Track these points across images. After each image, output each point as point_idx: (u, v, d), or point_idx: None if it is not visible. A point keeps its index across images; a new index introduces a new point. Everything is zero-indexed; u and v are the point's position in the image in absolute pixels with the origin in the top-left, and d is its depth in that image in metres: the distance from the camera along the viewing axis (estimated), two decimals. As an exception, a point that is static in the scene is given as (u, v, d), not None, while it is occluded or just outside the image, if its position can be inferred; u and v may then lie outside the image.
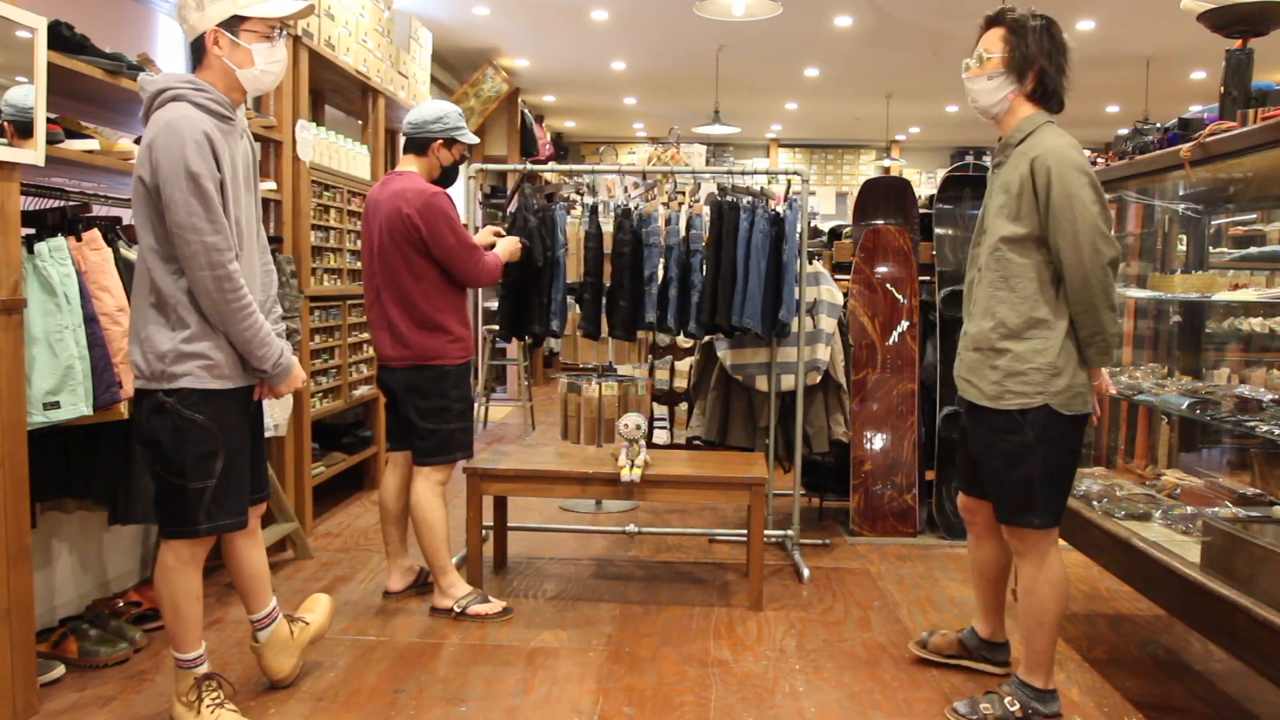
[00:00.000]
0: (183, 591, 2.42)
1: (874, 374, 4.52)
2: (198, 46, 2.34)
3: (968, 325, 2.58)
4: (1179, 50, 7.70)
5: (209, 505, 2.38)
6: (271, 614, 2.69)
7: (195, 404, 2.33)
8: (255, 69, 2.37)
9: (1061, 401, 2.41)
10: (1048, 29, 2.48)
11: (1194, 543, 2.66)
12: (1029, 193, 2.38)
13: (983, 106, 2.54)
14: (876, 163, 12.52)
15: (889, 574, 3.91)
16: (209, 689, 2.46)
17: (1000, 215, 2.45)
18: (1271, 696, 2.79)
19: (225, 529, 2.45)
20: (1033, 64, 2.46)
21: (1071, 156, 2.36)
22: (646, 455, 3.45)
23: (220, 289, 2.28)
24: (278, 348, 2.43)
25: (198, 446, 2.34)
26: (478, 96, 8.40)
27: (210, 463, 2.36)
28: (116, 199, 3.21)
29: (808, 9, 6.76)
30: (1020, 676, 2.59)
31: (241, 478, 2.47)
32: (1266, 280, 3.37)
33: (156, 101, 2.29)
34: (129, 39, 3.88)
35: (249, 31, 2.35)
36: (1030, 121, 2.47)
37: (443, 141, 3.34)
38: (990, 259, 2.48)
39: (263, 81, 2.42)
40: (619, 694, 2.76)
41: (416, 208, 3.19)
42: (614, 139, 13.08)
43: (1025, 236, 2.41)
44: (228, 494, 2.41)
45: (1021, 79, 2.47)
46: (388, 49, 5.42)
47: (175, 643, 2.45)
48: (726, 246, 3.76)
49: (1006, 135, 2.50)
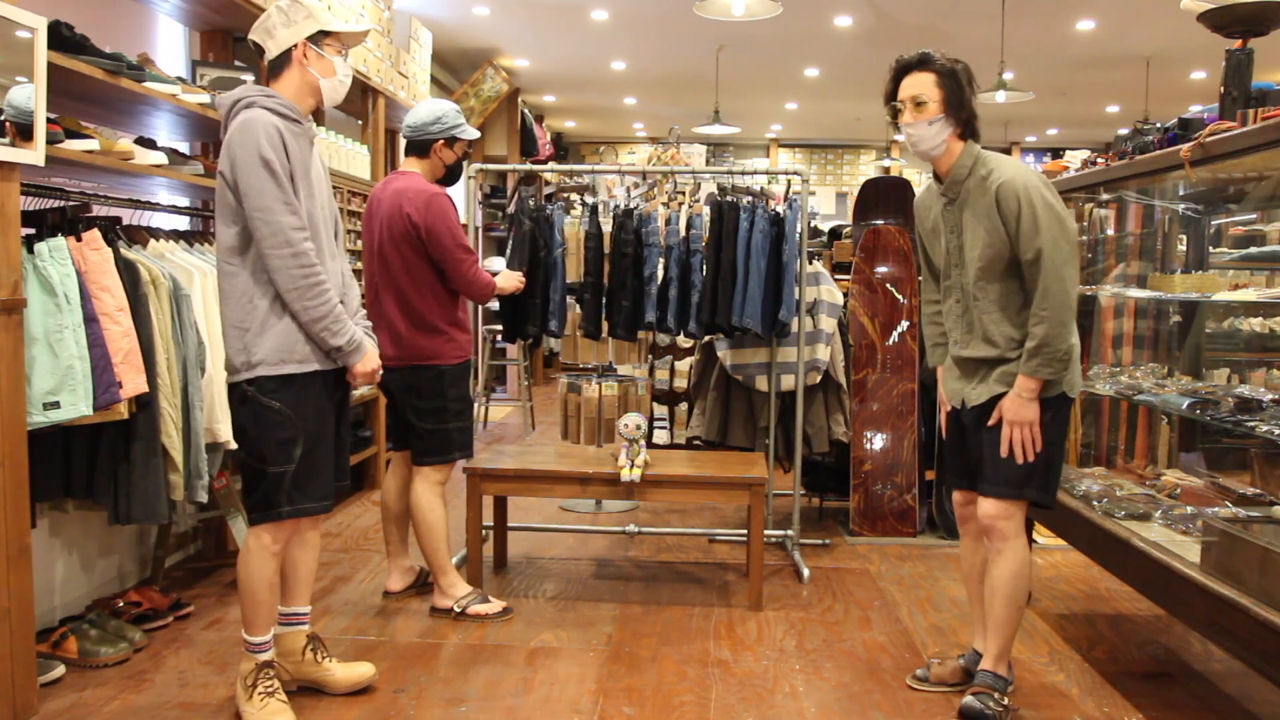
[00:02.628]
0: (258, 576, 2.53)
1: (874, 374, 4.52)
2: (281, 61, 2.55)
3: (964, 351, 2.65)
4: (1179, 50, 7.70)
5: (289, 489, 2.49)
6: (293, 616, 2.71)
7: (272, 390, 2.46)
8: (336, 78, 2.61)
9: (1070, 382, 2.54)
10: (967, 69, 2.59)
11: (1194, 543, 2.66)
12: (997, 220, 2.49)
13: (923, 150, 2.61)
14: (876, 163, 12.52)
15: (889, 574, 3.91)
16: (265, 677, 2.54)
17: (978, 247, 2.55)
18: (1271, 696, 2.79)
19: (307, 512, 2.55)
20: (967, 106, 2.57)
21: (1032, 176, 2.51)
22: (646, 455, 3.45)
23: (296, 265, 2.41)
24: (351, 327, 2.53)
25: (276, 432, 2.46)
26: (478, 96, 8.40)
27: (289, 449, 2.48)
28: (116, 199, 3.22)
29: (808, 9, 6.76)
30: (992, 670, 2.63)
31: (324, 463, 2.57)
32: (1266, 280, 3.37)
33: (232, 111, 2.47)
34: (129, 39, 3.88)
35: (331, 46, 2.59)
36: (968, 154, 2.58)
37: (444, 141, 3.34)
38: (978, 289, 2.59)
39: (340, 91, 2.64)
40: (619, 694, 2.76)
41: (416, 207, 3.19)
42: (614, 139, 13.08)
43: (1009, 260, 2.52)
44: (309, 478, 2.52)
45: (959, 121, 2.57)
46: (388, 49, 5.43)
47: (245, 623, 2.57)
48: (726, 246, 3.76)
49: (952, 173, 2.59)
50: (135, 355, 2.77)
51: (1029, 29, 7.01)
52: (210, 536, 3.93)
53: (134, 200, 3.35)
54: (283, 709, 2.51)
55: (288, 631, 2.71)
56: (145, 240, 3.17)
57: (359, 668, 2.74)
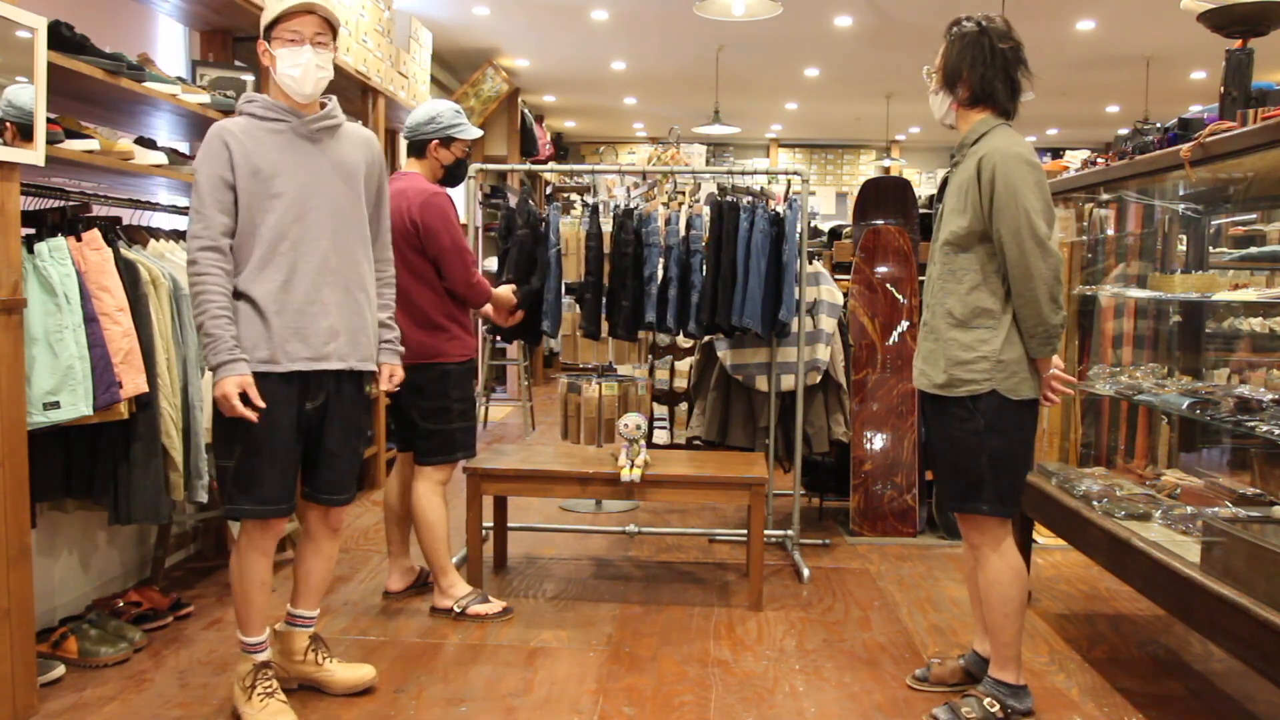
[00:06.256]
0: (247, 575, 2.52)
1: (874, 374, 4.52)
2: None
3: (925, 316, 2.63)
4: (1179, 50, 7.70)
5: (230, 487, 2.47)
6: (299, 619, 2.71)
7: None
8: (281, 71, 2.48)
9: (1009, 387, 2.44)
10: (979, 35, 2.47)
11: (1194, 543, 2.66)
12: (974, 188, 2.43)
13: (939, 119, 2.60)
14: (876, 163, 12.52)
15: (889, 574, 3.90)
16: (263, 678, 2.53)
17: (950, 213, 2.51)
18: (1271, 696, 2.79)
19: (243, 514, 2.48)
20: (958, 75, 2.49)
21: (1018, 151, 2.40)
22: (646, 455, 3.45)
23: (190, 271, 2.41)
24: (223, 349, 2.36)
25: (221, 424, 2.44)
26: (478, 96, 8.40)
27: (230, 444, 2.45)
28: (116, 199, 3.22)
29: (808, 9, 6.76)
30: (993, 675, 2.58)
31: (266, 469, 2.44)
32: (1266, 280, 3.37)
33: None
34: (129, 39, 3.88)
35: (278, 38, 2.48)
36: (983, 124, 2.51)
37: (439, 141, 3.32)
38: (939, 253, 2.55)
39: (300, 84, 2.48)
40: (619, 694, 2.76)
41: (414, 206, 3.19)
42: (614, 139, 13.08)
43: (968, 231, 2.45)
44: (249, 479, 2.44)
45: (953, 89, 2.51)
46: (388, 49, 5.42)
47: (238, 622, 2.57)
48: (726, 246, 3.76)
49: (963, 137, 2.56)
50: (135, 355, 2.77)
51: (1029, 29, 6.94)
52: (210, 536, 3.93)
53: (134, 200, 3.35)
54: (283, 709, 2.50)
55: (291, 631, 2.71)
56: (145, 240, 3.17)
57: (360, 669, 2.74)
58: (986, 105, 2.50)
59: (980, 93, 2.49)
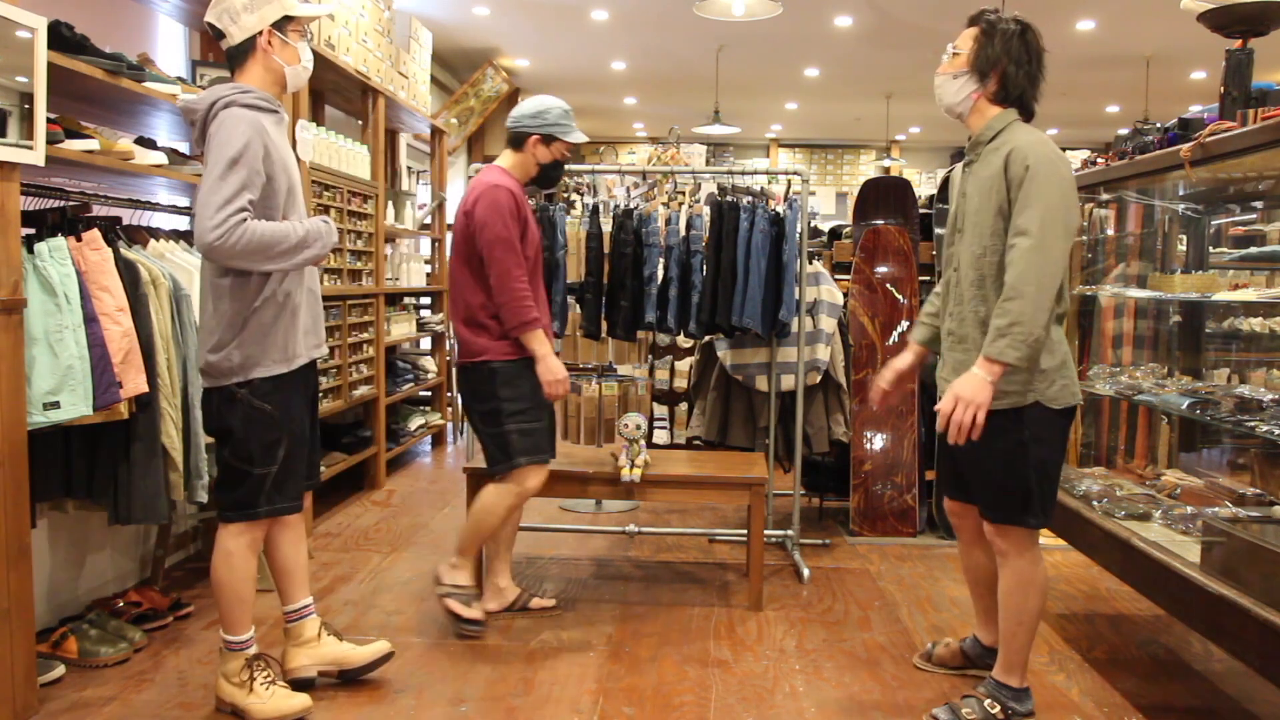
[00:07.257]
0: (241, 575, 2.53)
1: (874, 374, 4.52)
2: (244, 48, 2.46)
3: (950, 325, 2.54)
4: (1179, 50, 7.70)
5: (270, 490, 2.52)
6: (300, 610, 2.73)
7: (265, 393, 2.47)
8: (300, 65, 2.54)
9: (1051, 396, 2.39)
10: (1021, 34, 2.44)
11: (1194, 543, 2.66)
12: (1000, 183, 2.37)
13: (947, 105, 2.53)
14: (876, 163, 12.53)
15: (889, 574, 3.91)
16: (260, 668, 2.55)
17: (979, 215, 2.43)
18: (1271, 696, 2.79)
19: (282, 512, 2.57)
20: (996, 66, 2.43)
21: (1049, 149, 2.36)
22: (646, 455, 3.45)
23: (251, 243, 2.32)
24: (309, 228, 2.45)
25: (265, 435, 2.48)
26: (478, 96, 8.40)
27: (275, 450, 2.50)
28: (116, 199, 3.22)
29: (808, 9, 6.76)
30: (997, 677, 2.57)
31: (301, 463, 2.59)
32: (1266, 280, 3.37)
33: (211, 113, 2.40)
34: (129, 39, 3.88)
35: (295, 31, 2.51)
36: (1001, 119, 2.46)
37: (539, 138, 3.16)
38: (971, 259, 2.46)
39: (303, 77, 2.57)
40: (619, 694, 2.76)
41: (473, 198, 3.06)
42: (614, 139, 13.08)
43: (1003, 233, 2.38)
44: (288, 478, 2.55)
45: (984, 80, 2.45)
46: (388, 49, 5.43)
47: (226, 625, 2.55)
48: (726, 246, 3.76)
49: (977, 133, 2.49)
50: (135, 355, 2.77)
51: (1029, 29, 7.00)
52: (210, 536, 3.91)
53: (134, 200, 3.35)
54: (292, 694, 2.54)
55: (302, 622, 2.73)
56: (145, 240, 3.16)
57: (376, 644, 2.79)
58: (1012, 102, 2.47)
59: (1012, 89, 2.45)
